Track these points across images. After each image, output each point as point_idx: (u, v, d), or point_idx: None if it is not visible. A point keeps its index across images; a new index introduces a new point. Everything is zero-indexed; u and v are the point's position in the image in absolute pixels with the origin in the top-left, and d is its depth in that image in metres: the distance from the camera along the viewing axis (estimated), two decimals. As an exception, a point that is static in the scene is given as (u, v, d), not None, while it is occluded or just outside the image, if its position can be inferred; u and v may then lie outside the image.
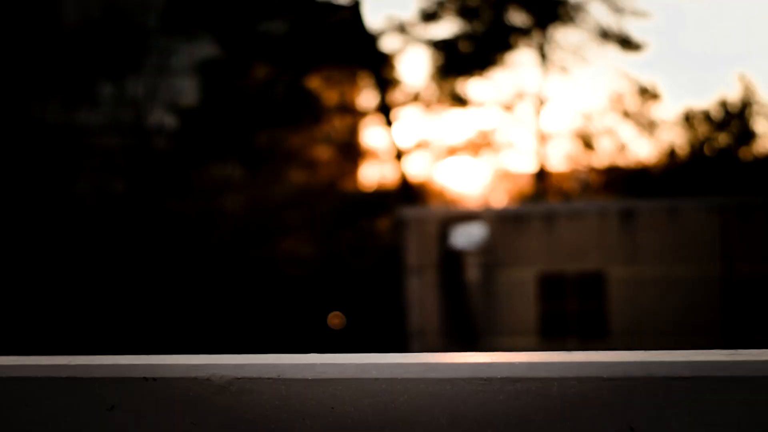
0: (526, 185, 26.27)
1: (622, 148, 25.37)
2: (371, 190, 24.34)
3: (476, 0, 24.38)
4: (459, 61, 24.10)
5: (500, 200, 26.04)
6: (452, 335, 17.74)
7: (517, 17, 24.50)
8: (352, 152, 23.57)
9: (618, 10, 24.42)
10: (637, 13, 25.00)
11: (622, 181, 25.41)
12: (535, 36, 24.54)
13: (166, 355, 2.19)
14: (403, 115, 24.59)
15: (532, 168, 25.95)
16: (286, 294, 16.14)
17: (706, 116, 23.90)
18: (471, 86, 25.32)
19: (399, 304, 17.70)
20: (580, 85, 33.92)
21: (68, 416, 2.07)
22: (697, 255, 16.32)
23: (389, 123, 23.42)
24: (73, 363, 2.11)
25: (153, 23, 16.05)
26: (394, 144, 23.82)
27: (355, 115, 24.03)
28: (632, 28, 31.02)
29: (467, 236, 17.83)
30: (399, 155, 23.87)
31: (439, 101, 24.63)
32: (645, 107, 25.36)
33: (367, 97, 23.44)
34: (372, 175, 25.39)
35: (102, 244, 14.23)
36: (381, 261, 19.26)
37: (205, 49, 16.49)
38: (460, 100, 24.71)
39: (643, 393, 1.89)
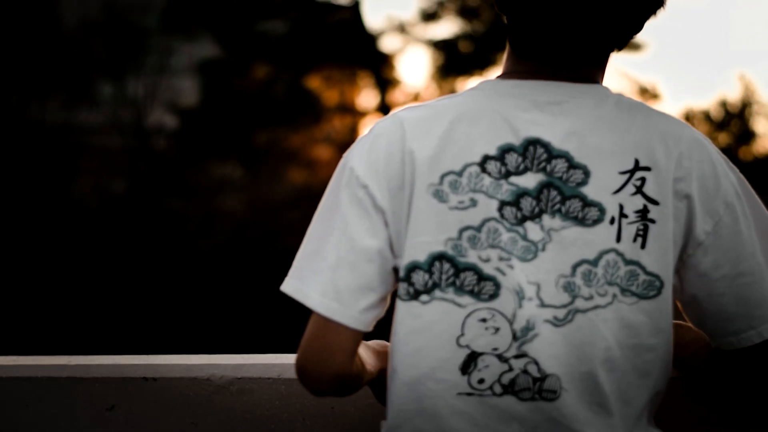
0: (526, 185, 26.23)
1: (622, 148, 25.35)
2: (371, 190, 24.29)
3: (476, 0, 24.39)
4: (459, 61, 24.10)
5: (500, 200, 25.96)
6: (452, 335, 17.73)
7: (517, 17, 24.45)
8: (352, 152, 23.53)
9: (618, 10, 24.41)
10: (637, 13, 24.97)
11: (622, 181, 25.37)
12: (535, 36, 24.51)
13: (166, 355, 2.19)
14: (403, 115, 24.52)
15: (532, 168, 25.90)
16: (286, 294, 16.16)
17: (706, 116, 23.92)
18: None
19: (399, 304, 17.68)
20: (580, 85, 33.88)
21: (68, 416, 2.07)
22: (697, 255, 16.35)
23: (389, 123, 23.37)
24: (73, 363, 2.11)
25: (153, 23, 16.04)
26: (394, 144, 23.75)
27: (355, 115, 24.04)
28: (632, 28, 30.95)
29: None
30: (399, 155, 23.81)
31: (439, 101, 24.60)
32: (645, 107, 25.31)
33: (367, 97, 23.46)
34: (372, 175, 25.32)
35: (102, 244, 14.23)
36: (381, 261, 19.21)
37: (205, 49, 16.49)
38: (460, 100, 24.66)
39: (642, 393, 1.88)
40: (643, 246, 1.51)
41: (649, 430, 1.55)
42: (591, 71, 1.61)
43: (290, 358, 2.09)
